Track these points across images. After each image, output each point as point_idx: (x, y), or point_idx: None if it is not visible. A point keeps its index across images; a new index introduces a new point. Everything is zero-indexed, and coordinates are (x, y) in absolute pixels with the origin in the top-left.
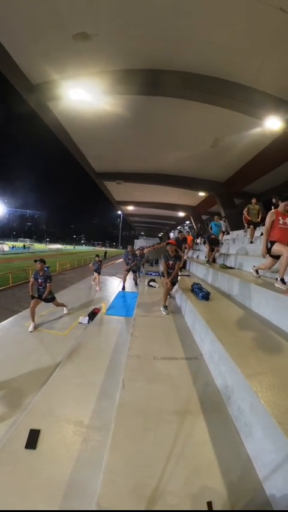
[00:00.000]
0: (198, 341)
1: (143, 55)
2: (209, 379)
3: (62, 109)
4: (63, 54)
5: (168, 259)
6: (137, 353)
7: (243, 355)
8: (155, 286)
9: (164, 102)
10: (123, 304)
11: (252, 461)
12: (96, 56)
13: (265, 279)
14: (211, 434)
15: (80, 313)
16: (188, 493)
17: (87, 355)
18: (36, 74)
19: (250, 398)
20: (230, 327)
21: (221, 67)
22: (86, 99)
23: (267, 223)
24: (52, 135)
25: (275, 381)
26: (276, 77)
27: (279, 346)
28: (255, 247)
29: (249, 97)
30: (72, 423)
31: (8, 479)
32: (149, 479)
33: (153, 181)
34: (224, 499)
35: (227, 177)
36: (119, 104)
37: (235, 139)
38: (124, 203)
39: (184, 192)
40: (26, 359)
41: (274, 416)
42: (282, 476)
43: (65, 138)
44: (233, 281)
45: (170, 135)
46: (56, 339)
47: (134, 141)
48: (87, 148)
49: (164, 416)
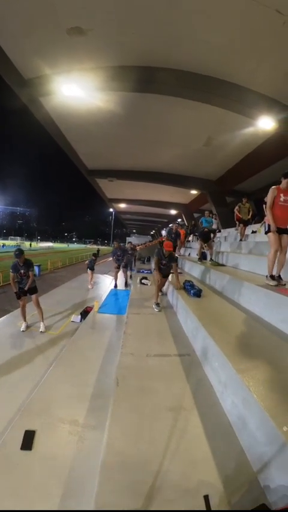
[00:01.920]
0: (190, 338)
1: (138, 52)
2: (202, 375)
3: (54, 105)
4: (56, 49)
5: (161, 258)
6: (130, 351)
7: (235, 351)
8: (147, 284)
9: (158, 100)
10: (116, 302)
11: (246, 454)
12: (91, 52)
13: (255, 276)
14: (205, 429)
15: (72, 312)
16: (184, 487)
17: (80, 354)
18: (29, 69)
19: (243, 393)
20: (221, 324)
21: (216, 66)
22: (79, 95)
23: (269, 200)
24: (44, 131)
25: (266, 376)
26: (271, 77)
27: (270, 341)
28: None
29: (243, 97)
30: (68, 422)
31: (4, 482)
32: (146, 476)
33: (146, 179)
34: (221, 492)
35: (219, 175)
36: (112, 100)
37: (228, 138)
38: (116, 201)
39: (176, 190)
40: (18, 359)
41: (266, 410)
42: (276, 467)
43: (57, 135)
44: (224, 278)
45: (163, 133)
46: (49, 338)
47: (127, 139)
48: (80, 145)
49: (158, 413)
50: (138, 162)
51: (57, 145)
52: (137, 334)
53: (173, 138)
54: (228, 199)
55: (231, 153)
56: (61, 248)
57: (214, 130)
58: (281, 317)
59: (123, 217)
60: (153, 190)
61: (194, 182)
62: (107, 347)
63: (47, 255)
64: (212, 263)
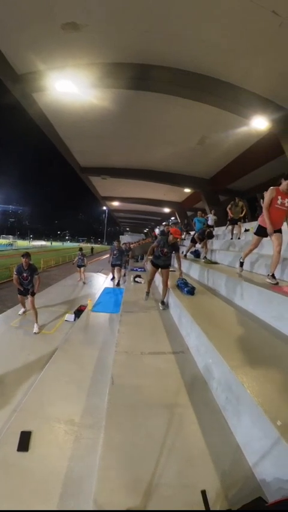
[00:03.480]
0: (184, 335)
1: (133, 49)
2: (196, 371)
3: (47, 101)
4: (51, 44)
5: (163, 246)
6: (125, 349)
7: (228, 348)
8: (140, 282)
9: (152, 98)
10: (109, 301)
11: (242, 449)
12: (85, 48)
13: (248, 273)
14: (201, 425)
15: (66, 311)
16: (182, 483)
17: (75, 353)
18: (22, 64)
19: (237, 389)
20: (215, 321)
21: (211, 65)
22: (72, 91)
23: (267, 200)
24: (36, 127)
25: (259, 372)
26: (265, 77)
27: (263, 338)
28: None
29: (237, 96)
30: (64, 422)
31: (2, 484)
32: (143, 473)
33: (139, 177)
34: (217, 487)
35: (212, 174)
36: (106, 97)
37: (222, 137)
38: (109, 199)
39: (170, 188)
40: (13, 359)
41: (260, 405)
42: (271, 461)
43: (50, 131)
44: (217, 276)
45: (157, 131)
46: (43, 338)
47: (121, 136)
48: (73, 142)
49: (154, 410)
50: (132, 160)
51: (50, 143)
52: (131, 332)
53: (167, 136)
54: (222, 198)
55: (225, 152)
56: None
57: (208, 129)
58: (274, 314)
59: (116, 215)
60: (146, 188)
61: (187, 180)
62: (101, 346)
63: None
64: (205, 261)
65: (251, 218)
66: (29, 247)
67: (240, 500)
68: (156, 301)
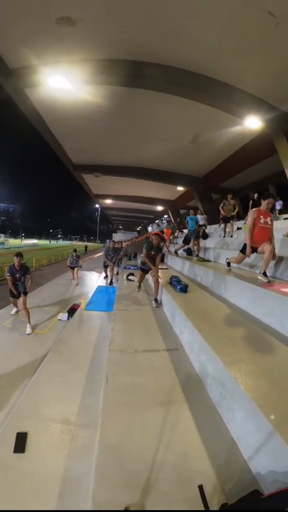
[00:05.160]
0: (178, 332)
1: (128, 45)
2: (190, 368)
3: (40, 96)
4: (44, 39)
5: (150, 249)
6: (119, 347)
7: (221, 344)
8: (133, 280)
9: (146, 95)
10: (103, 299)
11: (237, 443)
12: (80, 43)
13: (240, 271)
14: (196, 421)
15: (59, 310)
16: (179, 479)
17: (68, 352)
18: (15, 58)
19: (230, 385)
20: (208, 318)
21: (206, 64)
22: (66, 87)
23: (249, 222)
24: (28, 123)
25: (252, 368)
26: (260, 78)
27: (255, 334)
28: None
29: (231, 96)
30: (59, 422)
31: (0, 486)
32: (141, 469)
33: (132, 174)
34: (214, 481)
35: (205, 172)
36: (100, 94)
37: (215, 136)
38: (102, 196)
39: (163, 186)
40: (6, 360)
41: (254, 400)
42: (266, 454)
43: (42, 128)
44: (210, 274)
45: (151, 129)
46: (36, 338)
47: (114, 134)
48: (65, 139)
49: (149, 407)
50: (125, 158)
51: (42, 139)
52: (125, 330)
53: (161, 134)
54: (214, 196)
55: (218, 151)
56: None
57: (201, 128)
58: (265, 310)
59: (109, 213)
60: (139, 186)
61: (180, 179)
62: (95, 344)
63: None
64: (198, 259)
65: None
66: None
67: (236, 493)
68: (150, 299)
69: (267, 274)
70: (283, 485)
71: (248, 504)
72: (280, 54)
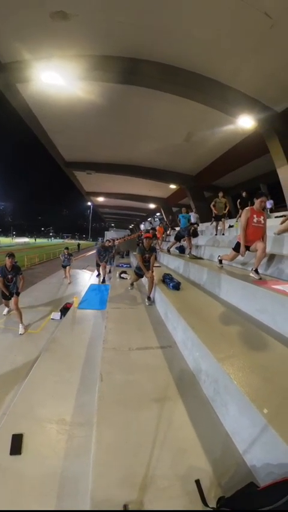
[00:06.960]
0: (171, 330)
1: (123, 42)
2: (184, 365)
3: (32, 92)
4: (38, 33)
5: (144, 253)
6: (113, 345)
7: (214, 341)
8: (126, 278)
9: (140, 93)
10: (96, 297)
11: (232, 437)
12: (74, 38)
13: (232, 268)
14: (191, 416)
15: (51, 309)
16: (176, 474)
17: (62, 352)
18: (6, 52)
19: (224, 380)
20: (200, 315)
21: (200, 62)
22: (58, 83)
23: (243, 221)
24: (19, 120)
25: (245, 363)
26: (254, 77)
27: (247, 330)
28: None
29: (225, 95)
30: (55, 422)
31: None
32: (138, 466)
33: (125, 172)
34: (210, 476)
35: (197, 170)
36: (93, 91)
37: (208, 134)
38: (94, 194)
39: (155, 184)
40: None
41: (247, 395)
42: (260, 447)
43: (34, 124)
44: (202, 271)
45: (144, 127)
46: (29, 338)
47: (107, 131)
48: (57, 135)
49: (144, 404)
50: (118, 155)
51: (33, 135)
52: (119, 328)
53: (154, 132)
54: (207, 194)
55: (211, 149)
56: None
57: (195, 126)
58: (257, 307)
59: (101, 211)
60: (132, 184)
61: (173, 177)
62: (89, 343)
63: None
64: (190, 256)
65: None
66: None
67: (232, 486)
68: (143, 297)
69: (259, 271)
70: (278, 477)
71: (245, 496)
72: (274, 55)
